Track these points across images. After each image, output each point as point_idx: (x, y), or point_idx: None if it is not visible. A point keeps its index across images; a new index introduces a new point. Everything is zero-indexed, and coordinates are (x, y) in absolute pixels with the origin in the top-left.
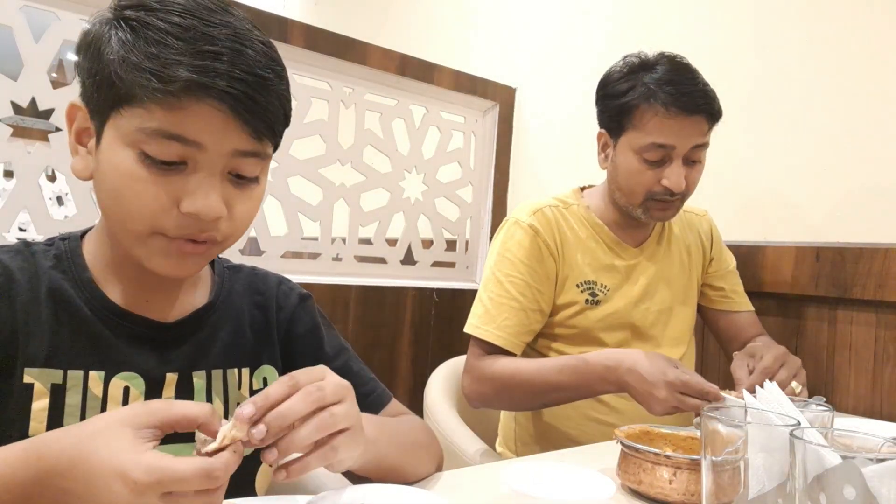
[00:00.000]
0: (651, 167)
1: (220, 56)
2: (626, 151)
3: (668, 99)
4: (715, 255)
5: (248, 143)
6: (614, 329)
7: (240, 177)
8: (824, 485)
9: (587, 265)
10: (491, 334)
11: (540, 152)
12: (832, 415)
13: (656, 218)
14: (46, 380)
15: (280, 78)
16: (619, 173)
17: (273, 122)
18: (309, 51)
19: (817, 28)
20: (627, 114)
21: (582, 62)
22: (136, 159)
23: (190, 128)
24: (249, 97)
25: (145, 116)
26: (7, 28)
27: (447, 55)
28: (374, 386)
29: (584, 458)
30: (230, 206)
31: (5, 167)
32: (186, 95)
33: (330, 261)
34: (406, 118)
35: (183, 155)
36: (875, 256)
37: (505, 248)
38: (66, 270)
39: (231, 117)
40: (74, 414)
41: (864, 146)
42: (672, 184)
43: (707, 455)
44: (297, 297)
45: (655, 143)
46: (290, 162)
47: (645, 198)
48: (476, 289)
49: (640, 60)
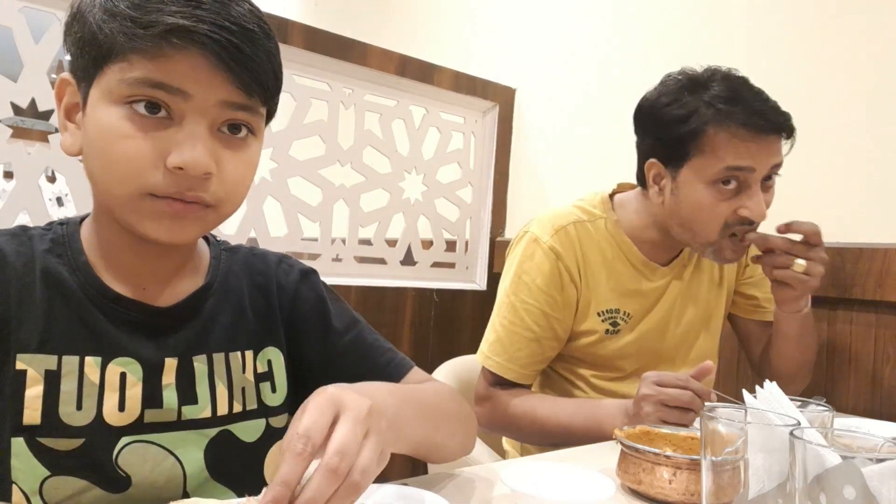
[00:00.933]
0: (726, 198)
1: (202, 4)
2: (692, 183)
3: (745, 119)
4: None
5: (236, 95)
6: (634, 357)
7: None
8: (824, 485)
9: (611, 290)
10: (502, 367)
11: (540, 153)
12: (832, 415)
13: (728, 260)
14: (40, 366)
15: (268, 36)
16: (684, 208)
17: (262, 78)
18: (309, 51)
19: (816, 28)
20: (693, 139)
21: (582, 62)
22: (121, 115)
23: (174, 75)
24: (235, 46)
25: (128, 68)
26: (7, 29)
27: (447, 55)
28: (392, 356)
29: (584, 458)
30: (220, 165)
31: (5, 168)
32: (169, 42)
33: (330, 261)
34: (406, 119)
35: (168, 104)
36: (875, 256)
37: (522, 269)
38: (62, 255)
39: (217, 65)
40: (70, 401)
41: (863, 146)
42: (754, 213)
43: (707, 455)
44: (298, 273)
45: (732, 166)
46: (290, 162)
47: (721, 234)
48: (476, 289)
49: (689, 78)
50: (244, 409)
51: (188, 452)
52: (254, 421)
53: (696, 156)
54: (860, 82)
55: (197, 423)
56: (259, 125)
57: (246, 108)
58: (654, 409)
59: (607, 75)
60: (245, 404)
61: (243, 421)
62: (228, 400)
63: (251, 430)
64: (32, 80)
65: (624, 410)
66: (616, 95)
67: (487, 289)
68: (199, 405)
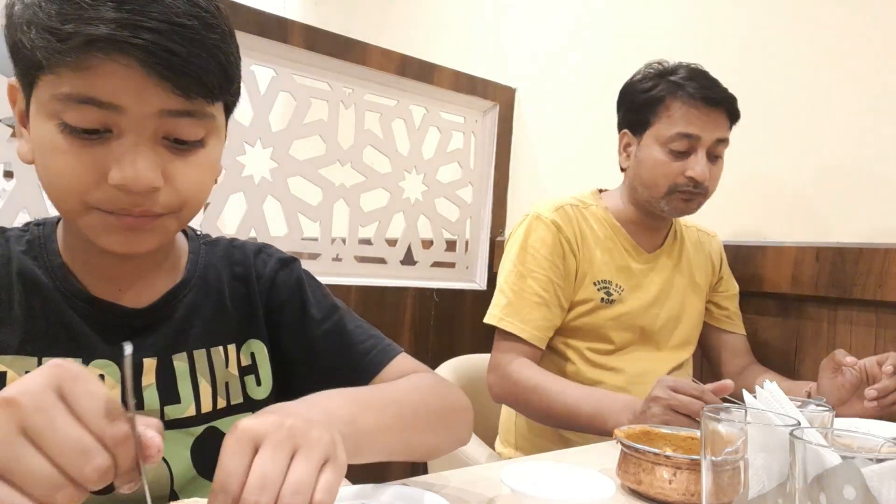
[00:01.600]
0: (676, 158)
1: (123, 4)
2: (651, 144)
3: (694, 91)
4: (724, 275)
5: (175, 102)
6: (624, 329)
7: (179, 141)
8: (824, 485)
9: (604, 264)
10: (516, 327)
11: (540, 152)
12: (832, 415)
13: (678, 210)
14: (20, 367)
15: (209, 27)
16: (644, 167)
17: (204, 77)
18: (309, 51)
19: (818, 28)
20: (653, 107)
21: (582, 62)
22: (56, 130)
23: (103, 89)
24: (165, 49)
25: (56, 82)
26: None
27: (447, 55)
28: (373, 343)
29: (584, 458)
30: (169, 175)
31: (5, 167)
32: (92, 53)
33: (330, 261)
34: (406, 118)
35: (103, 120)
36: (875, 256)
37: (527, 242)
38: (38, 256)
39: (145, 73)
40: None
41: (864, 146)
42: (697, 174)
43: (707, 455)
44: (276, 262)
45: (682, 132)
46: (290, 162)
47: (669, 190)
48: (476, 289)
49: (662, 67)
50: (229, 403)
51: (174, 452)
52: (240, 415)
53: (655, 122)
54: (860, 83)
55: (181, 423)
56: (211, 126)
57: (189, 114)
58: (662, 413)
59: (607, 75)
60: (230, 399)
61: (229, 416)
62: (212, 396)
63: None
64: None
65: (631, 408)
66: (616, 96)
67: (488, 288)
68: (182, 404)
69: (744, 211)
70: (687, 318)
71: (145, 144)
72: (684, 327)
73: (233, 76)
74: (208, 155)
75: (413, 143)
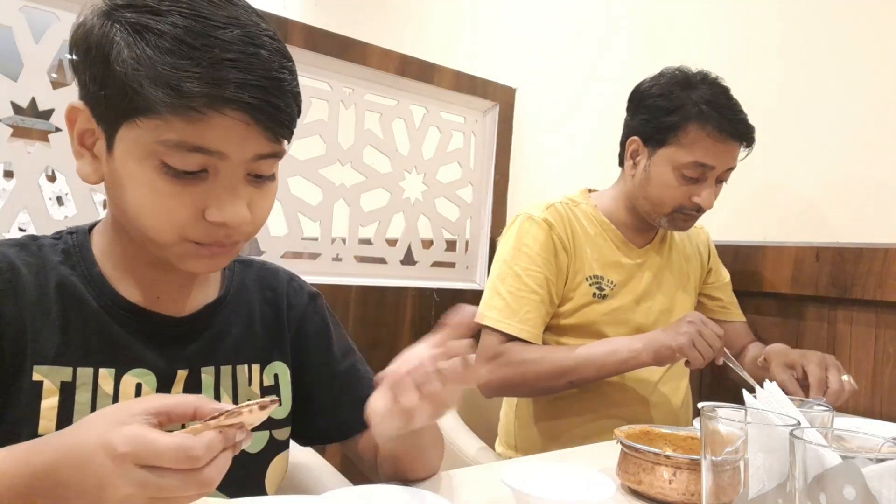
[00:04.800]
0: (687, 183)
1: (237, 64)
2: (663, 164)
3: (721, 124)
4: (713, 266)
5: (268, 147)
6: (618, 324)
7: (258, 176)
8: (824, 485)
9: (595, 260)
10: (514, 328)
11: (540, 152)
12: (832, 415)
13: (678, 228)
14: (56, 377)
15: (292, 74)
16: (652, 184)
17: (290, 122)
18: (309, 51)
19: (818, 28)
20: (674, 130)
21: (582, 62)
22: (156, 171)
23: (211, 139)
24: (268, 102)
25: (164, 128)
26: (7, 28)
27: (447, 55)
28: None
29: (584, 458)
30: (251, 207)
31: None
32: (207, 107)
33: (330, 261)
34: (406, 118)
35: (205, 164)
36: (875, 256)
37: (521, 241)
38: (76, 266)
39: (252, 125)
40: (84, 412)
41: (864, 146)
42: (704, 202)
43: (707, 455)
44: (307, 295)
45: (699, 162)
46: (290, 162)
47: (673, 210)
48: (476, 289)
49: (683, 75)
50: None
51: None
52: (258, 433)
53: (673, 144)
54: (860, 83)
55: None
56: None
57: (275, 156)
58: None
59: (607, 75)
60: None
61: None
62: None
63: (255, 442)
64: (32, 80)
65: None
66: (616, 96)
67: None
68: None
69: (744, 211)
70: (678, 313)
71: (239, 184)
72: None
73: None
74: (275, 184)
75: (413, 143)
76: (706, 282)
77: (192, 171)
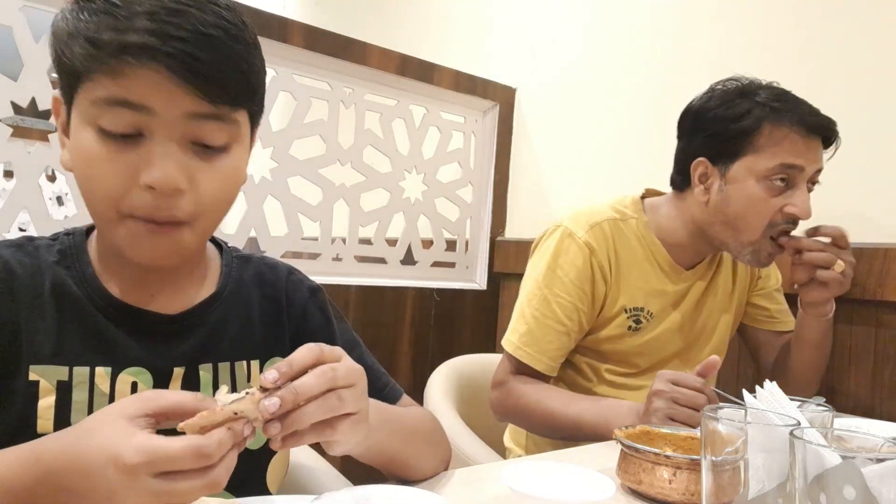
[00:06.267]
0: (776, 193)
1: (155, 15)
2: (745, 178)
3: (802, 117)
4: (763, 273)
5: (201, 106)
6: (651, 355)
7: (205, 147)
8: (824, 485)
9: (639, 288)
10: (533, 358)
11: (540, 152)
12: (832, 415)
13: (764, 263)
14: (52, 377)
15: (234, 38)
16: (734, 204)
17: (226, 83)
18: (309, 51)
19: (818, 28)
20: (748, 135)
21: (582, 62)
22: (95, 138)
23: (135, 91)
24: (190, 55)
25: (94, 88)
26: (7, 28)
27: (447, 55)
28: (386, 380)
29: (584, 458)
30: (194, 180)
31: (5, 167)
32: (125, 60)
33: (330, 261)
34: (406, 118)
35: (136, 123)
36: (875, 256)
37: (556, 263)
38: (70, 266)
39: (173, 78)
40: (82, 411)
41: (864, 146)
42: (801, 211)
43: (707, 455)
44: (307, 290)
45: (785, 164)
46: (290, 162)
47: (764, 233)
48: (476, 288)
49: (737, 85)
50: None
51: None
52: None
53: (750, 153)
54: (860, 83)
55: None
56: (236, 132)
57: (216, 118)
58: (666, 406)
59: (607, 75)
60: None
61: None
62: None
63: (256, 438)
64: (32, 79)
65: (635, 410)
66: (616, 95)
67: (487, 288)
68: None
69: None
70: (717, 336)
71: (172, 146)
72: (713, 344)
73: (256, 86)
74: (232, 162)
75: (413, 143)
76: (753, 290)
77: (127, 134)
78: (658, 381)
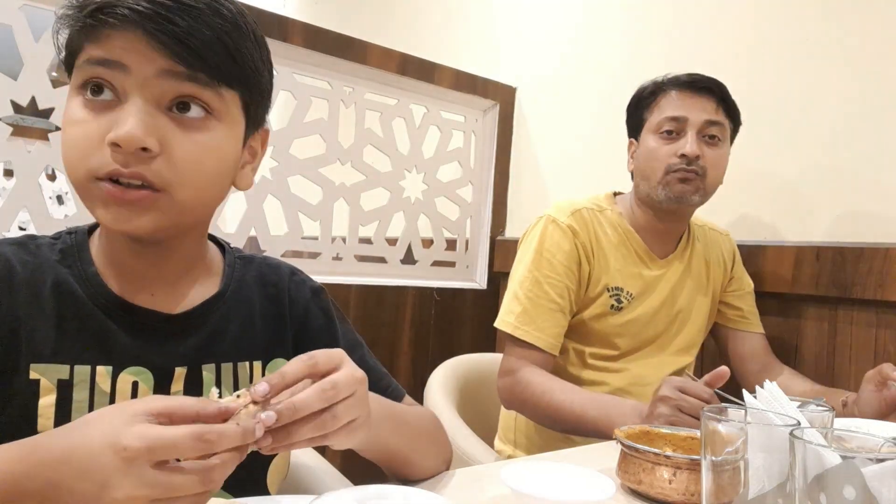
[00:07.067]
0: (668, 141)
1: None
2: (646, 138)
3: (678, 82)
4: (735, 274)
5: (175, 66)
6: (630, 336)
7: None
8: (824, 485)
9: (617, 270)
10: (531, 335)
11: (540, 152)
12: (832, 415)
13: (676, 192)
14: (53, 375)
15: (217, 12)
16: (642, 159)
17: (202, 52)
18: (309, 50)
19: (819, 29)
20: (647, 107)
21: (582, 61)
22: (79, 103)
23: (111, 49)
24: (165, 18)
25: (81, 56)
26: (7, 27)
27: (447, 54)
28: (388, 381)
29: (584, 458)
30: (167, 144)
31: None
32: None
33: (330, 260)
34: (406, 117)
35: (113, 82)
36: (875, 256)
37: (543, 247)
38: (72, 265)
39: (147, 37)
40: (82, 409)
41: (864, 146)
42: (688, 150)
43: (707, 455)
44: (309, 290)
45: (669, 116)
46: (291, 161)
47: (664, 172)
48: (476, 288)
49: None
50: None
51: None
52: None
53: (648, 117)
54: (860, 83)
55: None
56: (219, 108)
57: (192, 80)
58: (671, 413)
59: (607, 74)
60: None
61: None
62: None
63: None
64: (32, 78)
65: (637, 411)
66: (616, 94)
67: (488, 287)
68: None
69: (744, 210)
70: (692, 322)
71: (143, 105)
72: (689, 331)
73: (245, 68)
74: (212, 137)
75: (413, 142)
76: (727, 289)
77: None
78: (665, 386)
